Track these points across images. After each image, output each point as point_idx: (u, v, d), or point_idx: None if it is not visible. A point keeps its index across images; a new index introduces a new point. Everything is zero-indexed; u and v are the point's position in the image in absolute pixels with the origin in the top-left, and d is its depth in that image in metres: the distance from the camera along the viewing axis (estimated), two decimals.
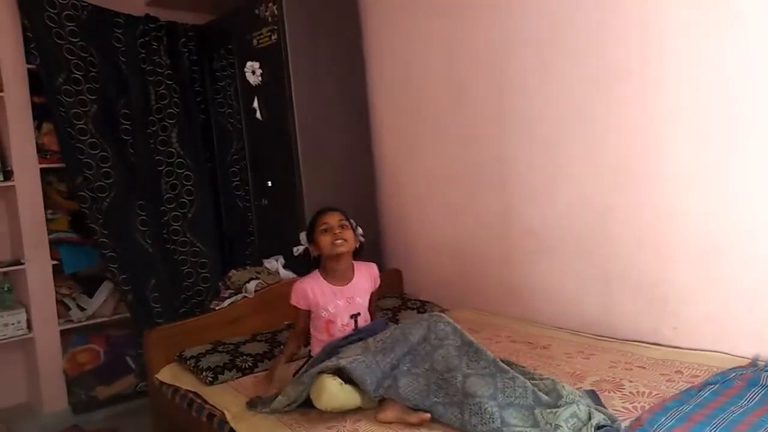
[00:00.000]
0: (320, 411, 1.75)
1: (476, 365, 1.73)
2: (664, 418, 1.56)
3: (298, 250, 2.04)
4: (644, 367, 1.94)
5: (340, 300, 1.99)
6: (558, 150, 2.42)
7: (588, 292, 2.38)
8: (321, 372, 1.75)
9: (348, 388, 1.73)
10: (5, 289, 2.99)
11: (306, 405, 1.80)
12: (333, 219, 1.98)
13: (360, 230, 2.07)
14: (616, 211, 2.25)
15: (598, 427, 1.50)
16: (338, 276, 2.02)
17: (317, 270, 2.04)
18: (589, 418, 1.53)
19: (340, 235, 1.95)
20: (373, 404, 1.75)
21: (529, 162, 2.53)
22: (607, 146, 2.25)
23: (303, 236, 2.04)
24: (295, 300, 2.01)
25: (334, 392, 1.71)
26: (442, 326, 1.82)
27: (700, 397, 1.67)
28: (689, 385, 1.75)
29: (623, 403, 1.70)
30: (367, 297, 2.07)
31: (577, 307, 2.42)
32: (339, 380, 1.72)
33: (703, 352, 1.99)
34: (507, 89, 2.57)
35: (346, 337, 1.93)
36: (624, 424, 1.55)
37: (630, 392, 1.77)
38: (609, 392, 1.77)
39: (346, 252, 1.99)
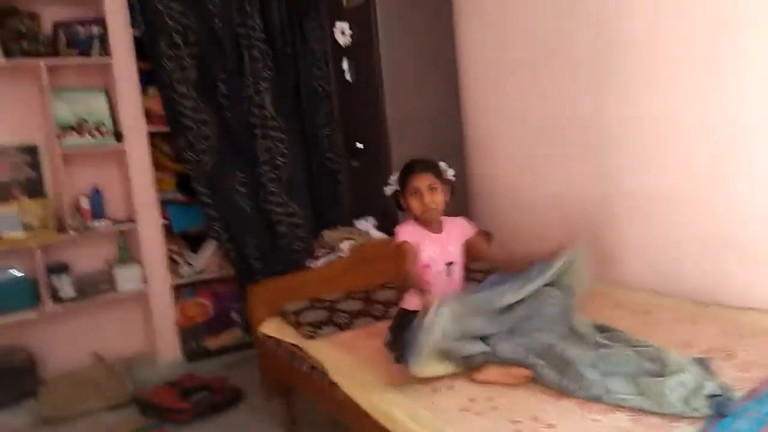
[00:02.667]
0: None
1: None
2: None
3: (389, 190, 2.02)
4: (756, 336, 1.83)
5: (435, 246, 1.98)
6: (662, 108, 2.27)
7: (691, 258, 2.27)
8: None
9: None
10: (121, 245, 3.22)
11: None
12: (422, 182, 1.94)
13: (451, 171, 2.03)
14: (722, 175, 2.11)
15: (709, 396, 1.44)
16: (431, 226, 2.00)
17: (411, 219, 2.02)
18: (698, 388, 1.47)
19: (430, 204, 1.93)
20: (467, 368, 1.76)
21: (629, 121, 2.40)
22: (719, 104, 2.09)
23: (394, 180, 2.03)
24: (404, 236, 1.94)
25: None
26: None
27: None
28: None
29: (737, 372, 1.62)
30: (460, 247, 2.05)
31: (678, 274, 2.31)
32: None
33: None
34: (609, 40, 2.42)
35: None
36: (738, 395, 1.48)
37: (743, 362, 1.68)
38: (721, 361, 1.69)
39: (437, 217, 2.00)
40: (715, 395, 1.44)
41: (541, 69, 2.75)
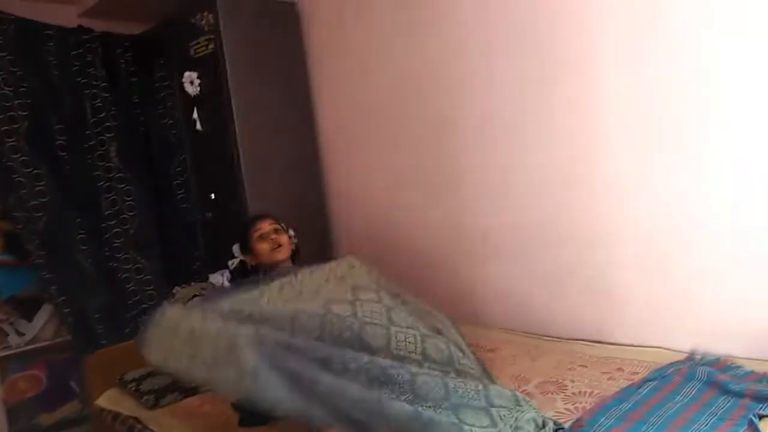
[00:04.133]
0: None
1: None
2: (603, 418, 1.58)
3: (233, 263, 2.00)
4: (586, 366, 1.96)
5: None
6: (505, 152, 2.42)
7: (536, 292, 2.40)
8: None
9: None
10: None
11: None
12: (266, 225, 1.99)
13: (292, 232, 2.06)
14: (563, 210, 2.27)
15: (555, 430, 1.50)
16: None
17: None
18: (543, 423, 1.52)
19: (277, 241, 1.96)
20: None
21: (476, 165, 2.53)
22: (552, 147, 2.27)
23: (236, 249, 2.01)
24: None
25: None
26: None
27: (639, 394, 1.69)
28: (629, 383, 1.77)
29: (565, 404, 1.72)
30: None
31: (525, 308, 2.44)
32: None
33: (643, 348, 2.03)
34: (454, 93, 2.56)
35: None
36: (566, 426, 1.55)
37: (572, 392, 1.78)
38: (552, 393, 1.79)
39: (286, 257, 1.98)
40: (557, 429, 1.52)
41: (393, 112, 2.83)
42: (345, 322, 1.62)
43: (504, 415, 1.51)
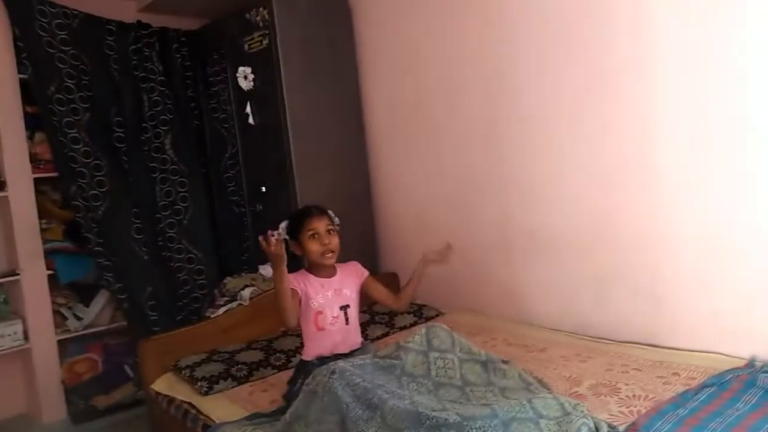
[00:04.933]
0: None
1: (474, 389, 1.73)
2: (660, 423, 1.55)
3: (278, 235, 1.96)
4: (641, 370, 1.92)
5: (328, 291, 1.97)
6: (555, 151, 2.40)
7: (584, 293, 2.37)
8: None
9: None
10: (1, 300, 2.98)
11: None
12: (321, 225, 1.95)
13: (337, 220, 2.04)
14: (613, 212, 2.24)
15: None
16: (323, 272, 2.00)
17: (303, 269, 2.02)
18: (597, 430, 1.49)
19: (329, 246, 1.94)
20: None
21: (526, 164, 2.51)
22: (603, 146, 2.24)
23: (284, 227, 1.99)
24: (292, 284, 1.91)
25: None
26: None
27: (697, 400, 1.65)
28: (686, 388, 1.74)
29: (619, 407, 1.69)
30: (355, 290, 2.05)
31: (574, 309, 2.41)
32: None
33: (700, 354, 1.98)
34: (502, 91, 2.55)
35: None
36: (620, 429, 1.53)
37: (626, 396, 1.75)
38: (605, 396, 1.76)
39: (334, 263, 2.00)
40: None
41: (442, 111, 2.83)
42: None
43: (554, 431, 1.48)
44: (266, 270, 2.92)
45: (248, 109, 3.11)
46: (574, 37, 2.25)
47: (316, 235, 1.94)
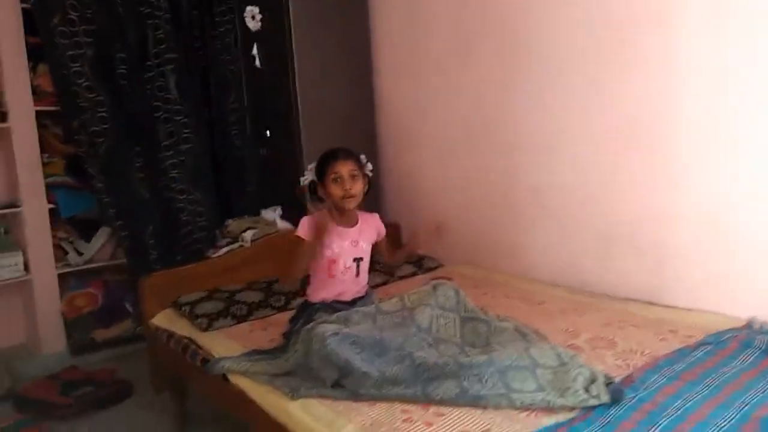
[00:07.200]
0: None
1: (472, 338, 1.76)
2: (655, 376, 1.56)
3: (306, 179, 1.96)
4: (639, 326, 1.93)
5: (345, 241, 1.96)
6: (564, 109, 2.36)
7: (587, 251, 2.36)
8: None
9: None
10: (2, 231, 2.98)
11: None
12: (344, 169, 1.90)
13: (370, 166, 2.01)
14: (622, 170, 2.21)
15: (607, 383, 1.48)
16: (344, 219, 1.98)
17: (325, 210, 1.99)
18: (593, 376, 1.50)
19: (351, 191, 1.90)
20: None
21: (535, 120, 2.47)
22: (614, 107, 2.20)
23: (312, 169, 1.97)
24: (303, 231, 1.90)
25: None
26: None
27: (693, 356, 1.66)
28: (683, 345, 1.74)
29: (615, 360, 1.70)
30: (370, 245, 2.05)
31: (575, 266, 2.41)
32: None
33: (698, 313, 1.98)
34: (514, 45, 2.49)
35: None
36: (616, 380, 1.54)
37: (623, 350, 1.76)
38: (602, 349, 1.77)
39: (353, 208, 1.97)
40: (609, 382, 1.49)
41: (453, 62, 2.78)
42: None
43: (550, 380, 1.50)
44: (268, 214, 2.91)
45: (254, 51, 3.05)
46: None
47: (338, 179, 1.90)
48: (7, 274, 2.85)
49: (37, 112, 2.90)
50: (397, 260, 2.26)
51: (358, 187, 1.93)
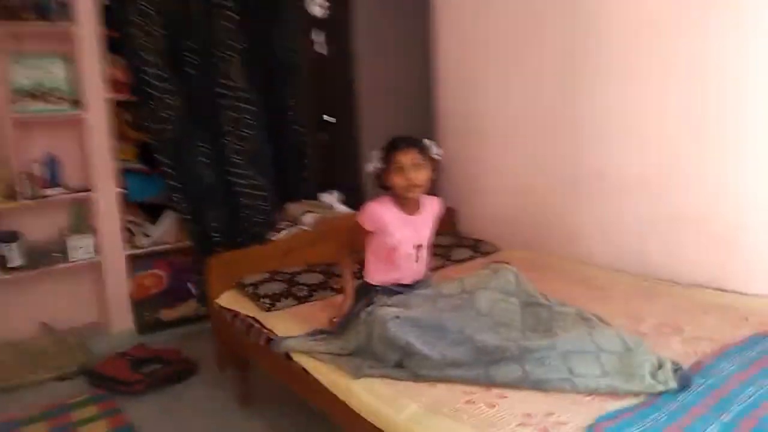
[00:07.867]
0: None
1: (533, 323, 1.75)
2: (725, 363, 1.52)
3: (371, 166, 1.98)
4: (707, 313, 1.87)
5: (407, 228, 1.96)
6: (632, 89, 2.30)
7: (652, 236, 2.30)
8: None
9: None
10: (75, 214, 3.13)
11: None
12: (407, 158, 1.89)
13: (436, 149, 1.98)
14: (694, 154, 2.14)
15: (674, 369, 1.45)
16: (407, 206, 1.98)
17: (388, 196, 1.98)
18: (661, 362, 1.47)
19: (414, 180, 1.88)
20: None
21: (603, 100, 2.42)
22: (683, 86, 2.13)
23: (376, 156, 1.96)
24: (364, 219, 1.93)
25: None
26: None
27: (767, 344, 1.61)
28: (755, 332, 1.69)
29: (683, 346, 1.66)
30: (430, 230, 2.06)
31: (640, 252, 2.35)
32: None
33: None
34: (582, 25, 2.43)
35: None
36: (684, 367, 1.50)
37: (691, 336, 1.72)
38: (668, 335, 1.73)
39: (417, 197, 1.97)
40: (677, 369, 1.47)
41: (514, 51, 2.75)
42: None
43: (615, 365, 1.47)
44: (326, 198, 2.96)
45: (317, 38, 3.08)
46: None
47: (400, 170, 1.89)
48: (80, 255, 3.00)
49: (110, 100, 3.02)
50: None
51: (422, 176, 1.90)
